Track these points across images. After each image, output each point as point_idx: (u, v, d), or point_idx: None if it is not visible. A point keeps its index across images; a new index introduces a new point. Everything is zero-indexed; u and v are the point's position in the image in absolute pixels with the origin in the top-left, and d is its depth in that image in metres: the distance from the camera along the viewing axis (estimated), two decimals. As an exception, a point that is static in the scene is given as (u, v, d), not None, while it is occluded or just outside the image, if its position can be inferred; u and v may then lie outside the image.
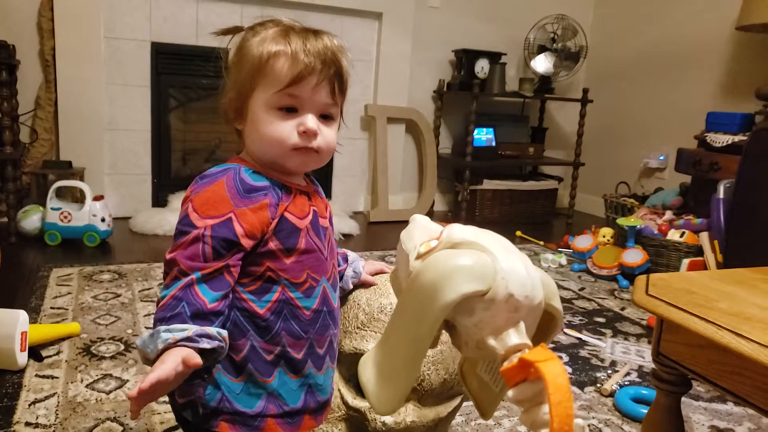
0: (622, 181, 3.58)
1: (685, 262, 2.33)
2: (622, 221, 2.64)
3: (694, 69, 3.29)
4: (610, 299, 2.27)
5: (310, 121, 0.75)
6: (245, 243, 0.72)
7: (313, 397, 0.80)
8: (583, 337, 1.84)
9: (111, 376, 1.42)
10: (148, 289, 2.02)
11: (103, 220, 2.46)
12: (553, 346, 1.76)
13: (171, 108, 3.02)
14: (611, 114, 3.80)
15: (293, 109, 0.75)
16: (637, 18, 3.67)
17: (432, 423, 0.98)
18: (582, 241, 2.75)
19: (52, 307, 1.81)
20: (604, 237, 2.73)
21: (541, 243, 3.01)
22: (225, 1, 2.97)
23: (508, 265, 0.55)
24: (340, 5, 3.17)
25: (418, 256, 0.60)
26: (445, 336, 0.62)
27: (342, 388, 0.98)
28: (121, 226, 2.74)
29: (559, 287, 2.33)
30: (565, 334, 1.86)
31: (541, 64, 3.64)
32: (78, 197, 2.57)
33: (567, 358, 1.70)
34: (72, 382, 1.37)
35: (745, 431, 1.37)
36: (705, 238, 2.33)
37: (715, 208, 2.24)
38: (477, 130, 3.37)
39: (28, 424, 1.20)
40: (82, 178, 2.68)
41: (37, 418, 1.22)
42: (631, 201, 3.07)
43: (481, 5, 3.65)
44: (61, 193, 2.51)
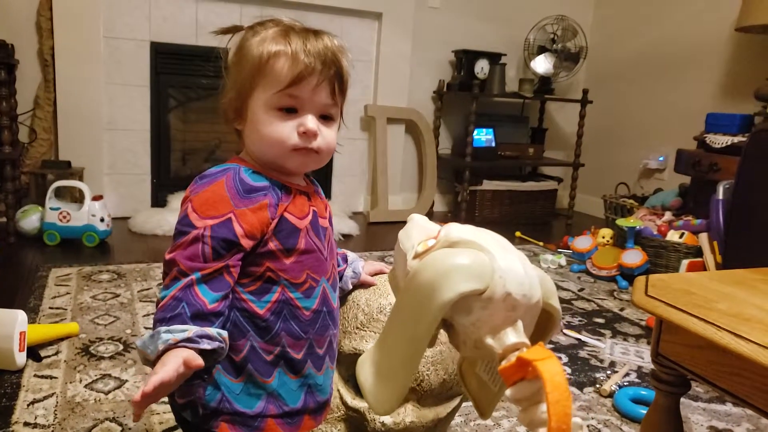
0: (622, 181, 3.58)
1: (685, 263, 2.33)
2: (621, 222, 2.64)
3: (693, 70, 3.29)
4: (609, 300, 2.27)
5: (310, 121, 0.74)
6: (245, 243, 0.71)
7: (313, 397, 0.80)
8: (583, 338, 1.84)
9: (110, 376, 1.41)
10: (147, 289, 2.02)
11: (102, 220, 2.46)
12: (552, 346, 1.76)
13: (170, 108, 3.01)
14: (611, 115, 3.80)
15: (293, 109, 0.75)
16: (636, 19, 3.67)
17: (431, 423, 0.98)
18: (581, 242, 2.75)
19: (50, 307, 1.81)
20: (603, 238, 2.73)
21: (541, 244, 3.01)
22: (224, 1, 2.97)
23: (505, 264, 0.55)
24: (339, 5, 3.17)
25: (416, 256, 0.60)
26: (444, 336, 0.62)
27: (341, 388, 0.98)
28: (121, 226, 2.74)
29: (559, 288, 2.32)
30: (564, 334, 1.86)
31: (541, 64, 3.65)
32: (77, 197, 2.57)
33: (566, 359, 1.70)
34: (71, 382, 1.37)
35: (744, 432, 1.37)
36: (704, 239, 2.33)
37: (715, 209, 2.24)
38: (477, 131, 3.37)
39: (26, 424, 1.20)
40: (81, 178, 2.68)
41: (36, 418, 1.22)
42: (631, 202, 3.07)
43: (481, 6, 3.65)
44: (60, 193, 2.51)
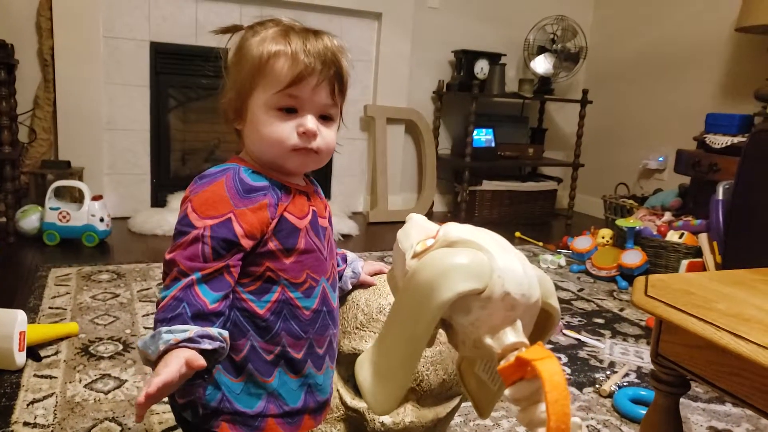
0: (622, 182, 3.58)
1: (684, 263, 2.33)
2: (621, 222, 2.64)
3: (693, 70, 3.29)
4: (609, 300, 2.27)
5: (310, 122, 0.74)
6: (245, 243, 0.71)
7: (313, 396, 0.80)
8: (582, 338, 1.84)
9: (109, 376, 1.42)
10: (147, 289, 2.01)
11: (101, 220, 2.46)
12: (552, 346, 1.76)
13: (170, 108, 3.01)
14: (611, 115, 3.80)
15: (293, 109, 0.75)
16: (636, 19, 3.67)
17: (431, 423, 0.98)
18: (581, 242, 2.75)
19: (50, 307, 1.81)
20: (603, 238, 2.73)
21: (540, 244, 3.01)
22: (224, 1, 2.97)
23: (504, 264, 0.55)
24: (339, 5, 3.17)
25: (415, 255, 0.60)
26: (443, 336, 0.62)
27: (341, 388, 0.98)
28: (120, 226, 2.74)
29: (558, 288, 2.32)
30: (564, 335, 1.86)
31: (541, 64, 3.65)
32: (77, 197, 2.56)
33: (566, 359, 1.70)
34: (70, 382, 1.37)
35: (743, 432, 1.37)
36: (704, 239, 2.33)
37: (714, 210, 2.24)
38: (476, 131, 3.37)
39: (26, 424, 1.20)
40: (80, 178, 2.68)
41: (36, 418, 1.22)
42: (630, 202, 3.07)
43: (481, 6, 3.65)
44: (59, 193, 2.51)
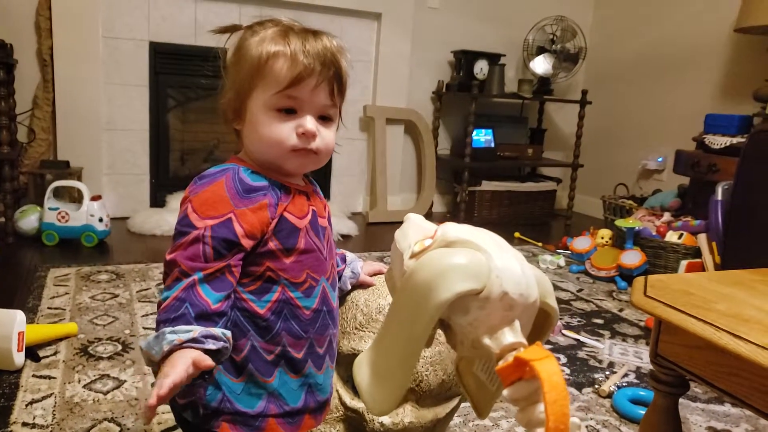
0: (621, 182, 3.59)
1: (683, 263, 2.33)
2: (620, 223, 2.64)
3: (692, 71, 3.29)
4: (608, 300, 2.27)
5: (309, 122, 0.74)
6: (245, 243, 0.71)
7: (313, 396, 0.80)
8: (581, 339, 1.84)
9: (108, 376, 1.41)
10: (146, 289, 2.01)
11: (100, 220, 2.46)
12: (551, 347, 1.76)
13: (169, 108, 3.01)
14: (610, 115, 3.80)
15: (292, 110, 0.75)
16: (636, 19, 3.67)
17: (430, 424, 0.98)
18: (580, 243, 2.75)
19: (49, 308, 1.80)
20: (602, 238, 2.73)
21: (540, 244, 3.01)
22: (223, 1, 2.97)
23: (502, 264, 0.55)
24: (339, 5, 3.17)
25: (413, 255, 0.59)
26: (442, 336, 0.61)
27: (340, 388, 0.98)
28: (119, 226, 2.74)
29: (558, 289, 2.33)
30: (563, 335, 1.86)
31: (540, 65, 3.65)
32: (76, 197, 2.56)
33: (565, 359, 1.70)
34: (69, 383, 1.37)
35: (742, 432, 1.37)
36: (703, 239, 2.33)
37: (714, 210, 2.24)
38: (476, 131, 3.37)
39: (25, 424, 1.20)
40: (79, 178, 2.68)
41: (34, 418, 1.22)
42: (630, 202, 3.07)
43: (481, 6, 3.65)
44: (58, 193, 2.51)
